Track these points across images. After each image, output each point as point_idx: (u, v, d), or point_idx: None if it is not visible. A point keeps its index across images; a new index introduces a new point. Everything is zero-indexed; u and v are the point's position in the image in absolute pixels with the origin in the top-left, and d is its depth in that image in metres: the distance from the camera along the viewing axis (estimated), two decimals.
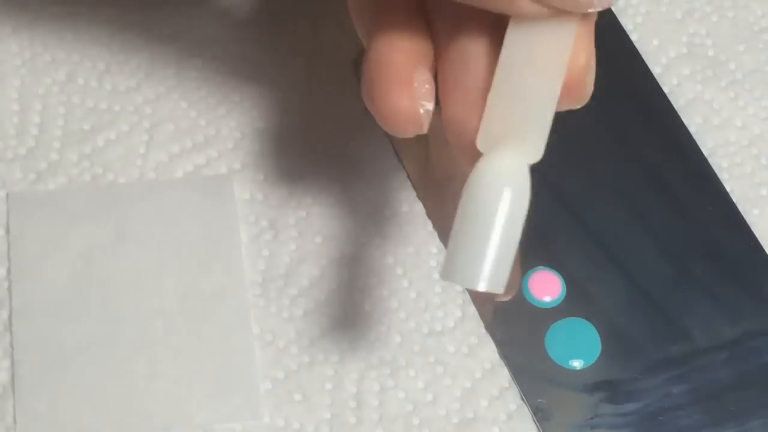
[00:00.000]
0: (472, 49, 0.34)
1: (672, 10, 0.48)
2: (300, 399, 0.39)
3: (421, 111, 0.34)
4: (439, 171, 0.44)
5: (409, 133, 0.34)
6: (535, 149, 0.33)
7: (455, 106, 0.33)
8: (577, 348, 0.40)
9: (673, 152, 0.44)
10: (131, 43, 0.45)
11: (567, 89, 0.33)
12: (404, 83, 0.33)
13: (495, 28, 0.34)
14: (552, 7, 0.32)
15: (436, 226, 0.42)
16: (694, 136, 0.45)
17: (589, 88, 0.34)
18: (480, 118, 0.33)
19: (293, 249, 0.42)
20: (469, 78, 0.33)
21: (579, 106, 0.34)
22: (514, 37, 0.33)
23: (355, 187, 0.43)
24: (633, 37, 0.47)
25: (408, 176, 0.43)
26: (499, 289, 0.32)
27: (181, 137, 0.43)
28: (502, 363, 0.40)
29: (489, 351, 0.41)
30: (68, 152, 0.43)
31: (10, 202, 0.41)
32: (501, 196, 0.32)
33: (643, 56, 0.46)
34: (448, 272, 0.32)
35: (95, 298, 0.40)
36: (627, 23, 0.47)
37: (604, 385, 0.40)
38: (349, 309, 0.41)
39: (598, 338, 0.41)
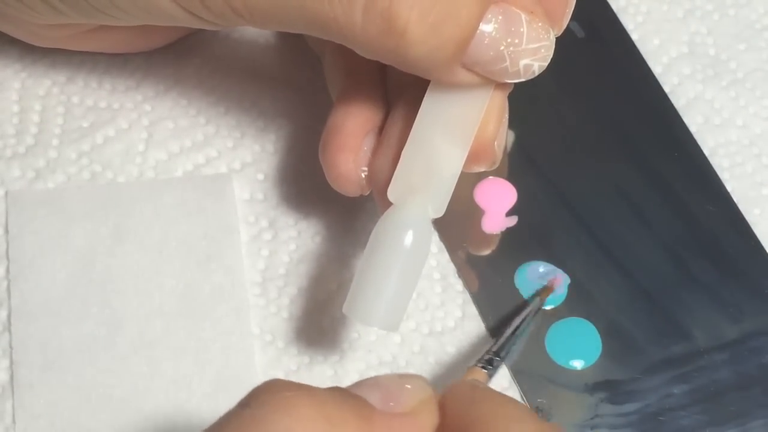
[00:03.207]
0: (403, 110, 0.37)
1: (673, 9, 0.47)
2: None
3: (363, 175, 0.37)
4: None
5: (352, 193, 0.38)
6: (438, 205, 0.36)
7: (378, 159, 0.37)
8: (578, 348, 0.40)
9: (673, 152, 0.44)
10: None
11: (474, 155, 0.36)
12: (351, 149, 0.37)
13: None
14: (484, 77, 0.35)
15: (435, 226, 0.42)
16: (695, 136, 0.45)
17: (498, 155, 0.37)
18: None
19: (293, 249, 0.41)
20: (393, 135, 0.37)
21: (489, 169, 0.37)
22: (431, 100, 0.36)
23: None
24: (634, 37, 0.47)
25: None
26: (393, 328, 0.35)
27: (181, 136, 0.43)
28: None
29: None
30: (67, 150, 0.42)
31: (9, 201, 0.41)
32: (401, 243, 0.35)
33: (643, 55, 0.46)
34: (348, 308, 0.35)
35: (94, 297, 0.40)
36: (628, 22, 0.47)
37: (604, 385, 0.40)
38: None
39: (599, 338, 0.40)
